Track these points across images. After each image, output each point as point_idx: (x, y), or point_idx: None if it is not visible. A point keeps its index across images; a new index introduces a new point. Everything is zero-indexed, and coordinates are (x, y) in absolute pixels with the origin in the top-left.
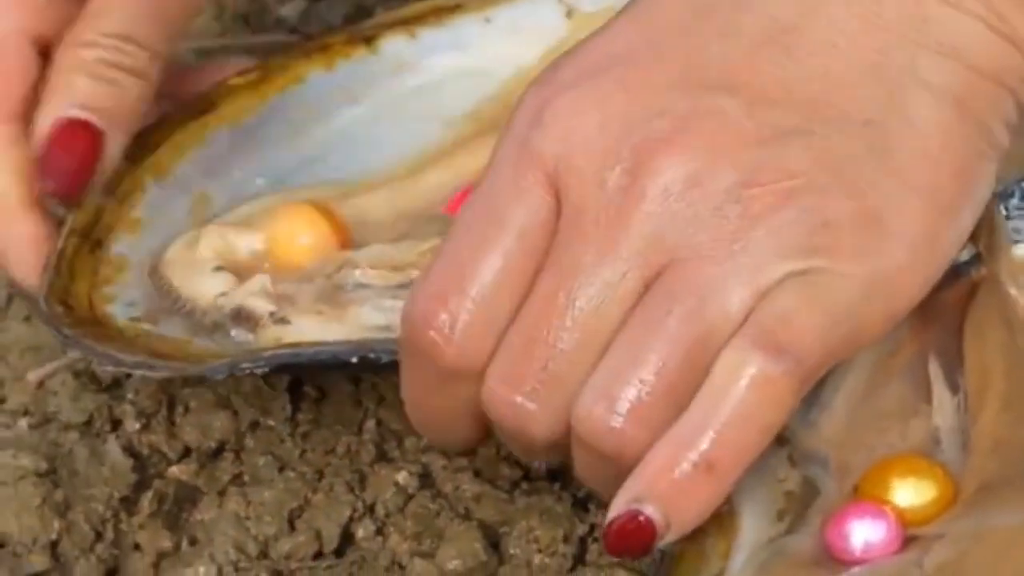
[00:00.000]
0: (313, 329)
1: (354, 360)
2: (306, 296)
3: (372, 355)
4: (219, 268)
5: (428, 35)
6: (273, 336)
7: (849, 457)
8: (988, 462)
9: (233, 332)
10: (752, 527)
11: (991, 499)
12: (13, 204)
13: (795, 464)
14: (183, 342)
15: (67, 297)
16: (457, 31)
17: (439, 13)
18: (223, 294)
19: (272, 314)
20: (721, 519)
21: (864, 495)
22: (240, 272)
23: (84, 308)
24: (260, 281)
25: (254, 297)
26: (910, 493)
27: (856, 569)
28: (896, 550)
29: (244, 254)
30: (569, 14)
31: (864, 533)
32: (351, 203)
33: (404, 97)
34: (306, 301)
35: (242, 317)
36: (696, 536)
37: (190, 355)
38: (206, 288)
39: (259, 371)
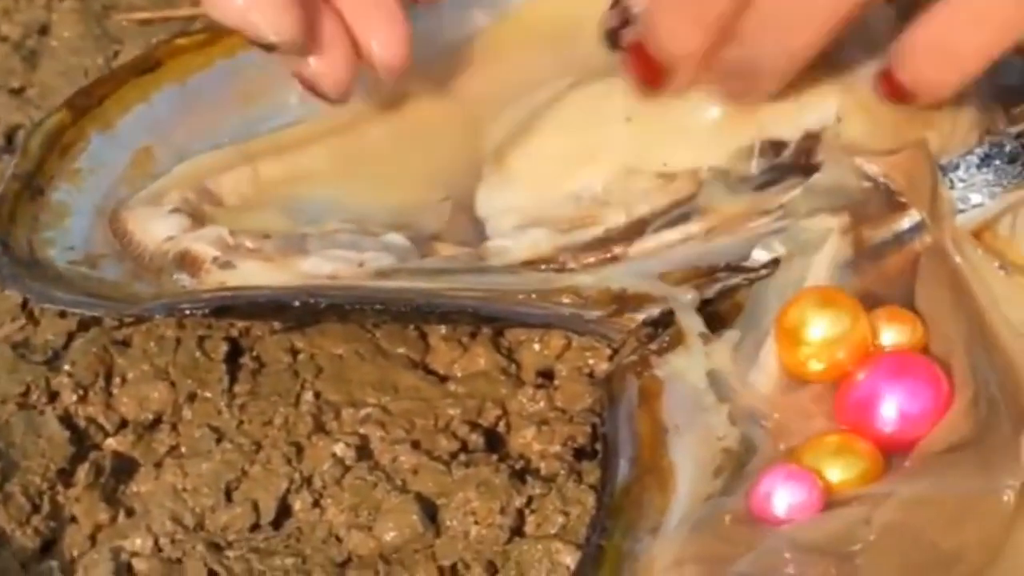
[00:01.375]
0: (258, 274)
1: (296, 304)
2: (262, 246)
3: (312, 300)
4: (176, 210)
5: None
6: (216, 281)
7: (788, 419)
8: (953, 429)
9: (176, 276)
10: (689, 483)
11: (950, 464)
12: None
13: (734, 422)
14: (123, 284)
15: (7, 239)
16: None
17: None
18: (170, 238)
19: (216, 259)
20: (660, 474)
21: (796, 462)
22: (202, 217)
23: (24, 251)
24: (216, 230)
25: (200, 241)
26: (840, 466)
27: (801, 521)
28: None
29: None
30: None
31: (787, 496)
32: (287, 159)
33: None
34: (259, 250)
35: (186, 262)
36: (633, 491)
37: (129, 296)
38: (157, 231)
39: (198, 312)
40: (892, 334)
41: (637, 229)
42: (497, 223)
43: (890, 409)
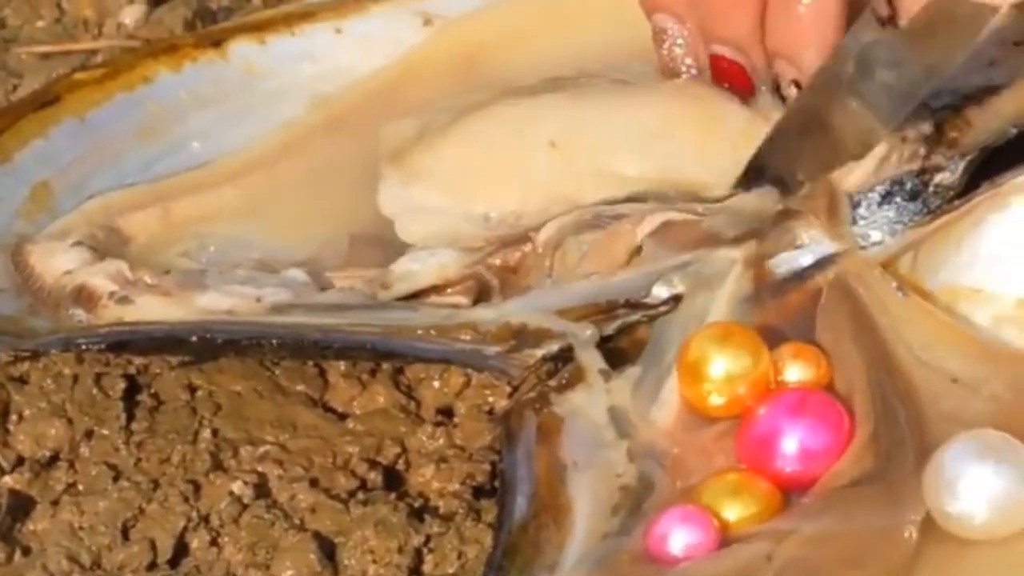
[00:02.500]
0: (155, 310)
1: (192, 339)
2: (161, 281)
3: (209, 335)
4: (78, 243)
5: (278, 43)
6: (113, 316)
7: (688, 458)
8: (856, 463)
9: (72, 311)
10: (587, 521)
11: (852, 499)
12: None
13: (633, 459)
14: (19, 319)
15: None
16: (308, 40)
17: (289, 20)
18: (69, 272)
19: (112, 293)
20: (557, 512)
21: (693, 501)
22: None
23: None
24: (115, 264)
25: (98, 276)
26: (738, 505)
27: (700, 559)
28: None
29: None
30: (427, 22)
31: (683, 537)
32: (199, 198)
33: (253, 103)
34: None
35: (82, 297)
36: (530, 528)
37: (25, 331)
38: (57, 265)
39: (94, 347)
40: (797, 370)
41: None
42: (404, 224)
43: (791, 445)
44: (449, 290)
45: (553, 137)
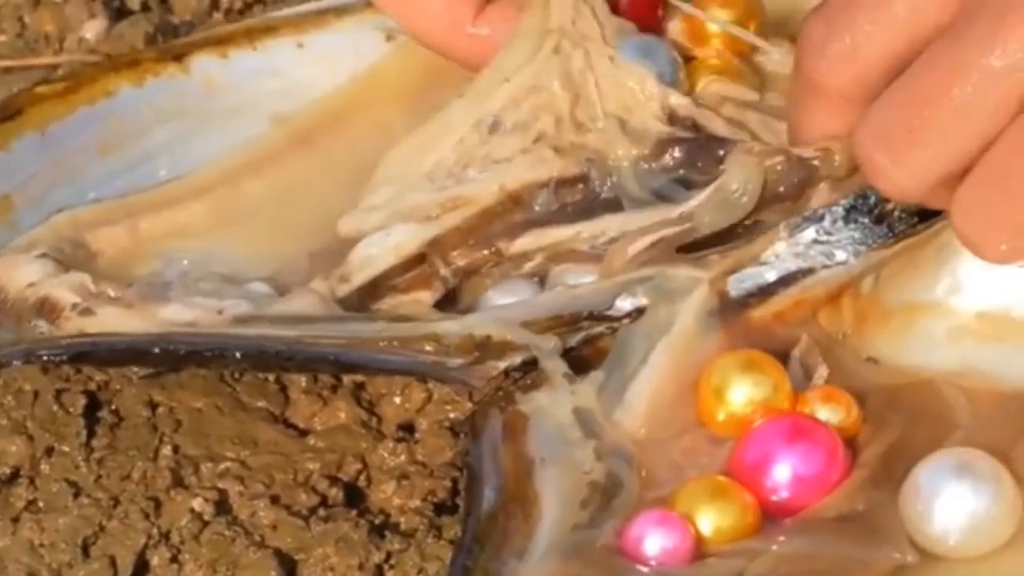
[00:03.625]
0: (118, 321)
1: (155, 351)
2: (124, 294)
3: (171, 347)
4: (43, 255)
5: (240, 57)
6: (75, 327)
7: (654, 465)
8: (847, 500)
9: (34, 323)
10: (556, 511)
11: (834, 527)
12: None
13: (600, 458)
14: None
15: None
16: (270, 55)
17: (251, 35)
18: (32, 284)
19: (75, 305)
20: (525, 502)
21: (669, 507)
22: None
23: None
24: (79, 277)
25: (61, 287)
26: (714, 511)
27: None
28: (688, 562)
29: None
30: (390, 37)
31: (659, 541)
32: (166, 214)
33: (215, 117)
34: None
35: (45, 308)
36: (499, 517)
37: None
38: (20, 277)
39: (56, 358)
40: (826, 413)
41: (521, 219)
42: (362, 229)
43: (783, 471)
44: (409, 275)
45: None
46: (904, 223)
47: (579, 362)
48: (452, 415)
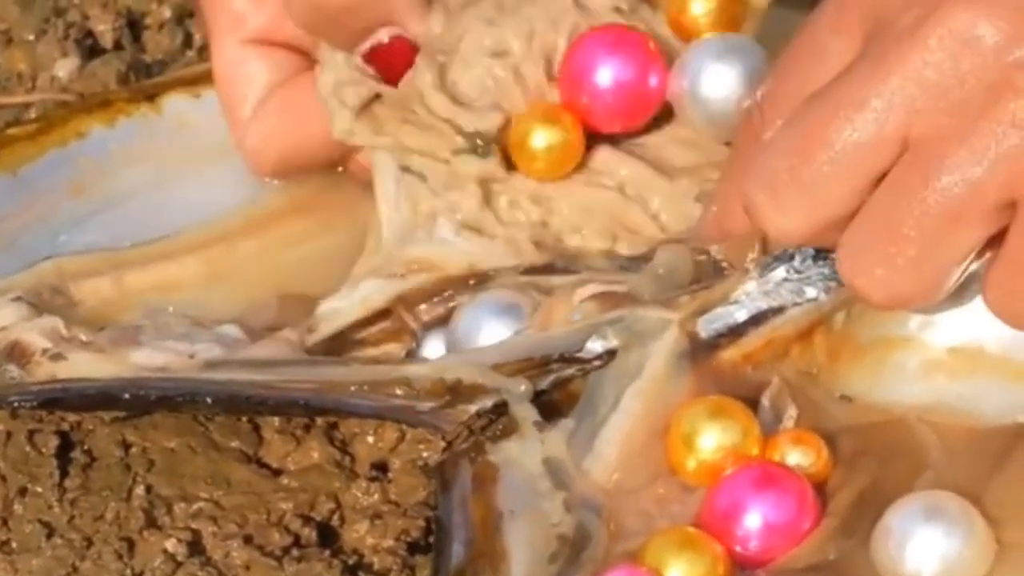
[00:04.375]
0: (89, 366)
1: (126, 396)
2: (95, 338)
3: (142, 392)
4: (18, 299)
5: (212, 97)
6: (46, 372)
7: (624, 514)
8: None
9: (5, 367)
10: (524, 567)
11: None
12: None
13: (570, 509)
14: None
15: None
16: None
17: None
18: (3, 328)
19: (46, 350)
20: (493, 558)
21: (640, 563)
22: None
23: None
24: (51, 321)
25: (32, 332)
26: (684, 562)
27: None
28: None
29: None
30: None
31: None
32: (157, 267)
33: (189, 158)
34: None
35: (16, 352)
36: (467, 574)
37: None
38: None
39: (27, 404)
40: (796, 456)
41: (479, 279)
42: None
43: (753, 520)
44: (377, 328)
45: None
46: None
47: (550, 406)
48: (425, 454)
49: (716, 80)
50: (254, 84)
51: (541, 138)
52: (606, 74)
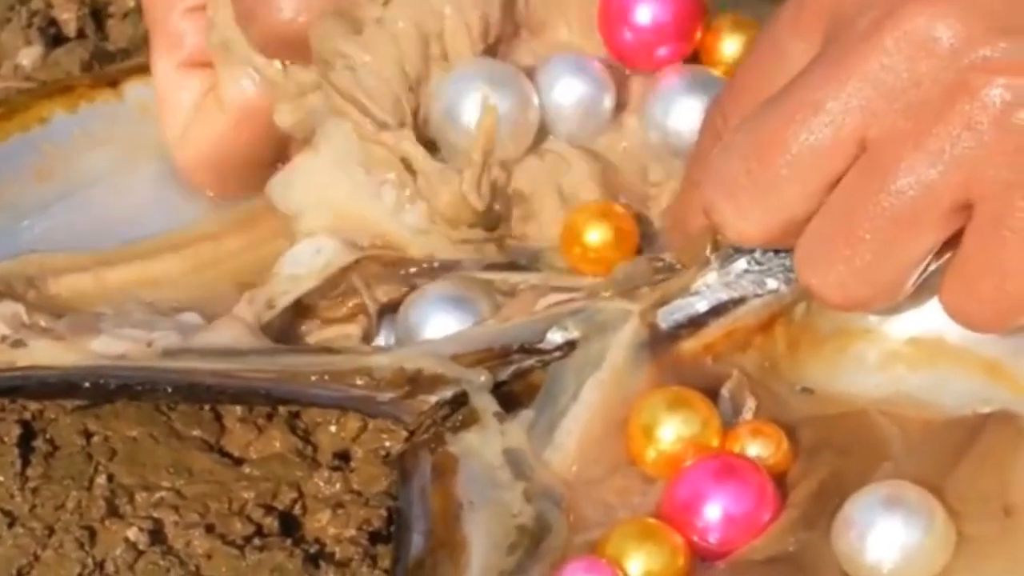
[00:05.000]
0: (48, 353)
1: (86, 384)
2: (55, 325)
3: (102, 380)
4: None
5: None
6: (6, 360)
7: (584, 505)
8: (776, 542)
9: None
10: (483, 557)
11: (760, 568)
12: None
13: (529, 500)
14: None
15: None
16: None
17: None
18: None
19: (5, 337)
20: (453, 548)
21: (601, 554)
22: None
23: None
24: (11, 307)
25: None
26: (644, 553)
27: None
28: None
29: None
30: None
31: None
32: (140, 264)
33: (149, 142)
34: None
35: None
36: (426, 564)
37: None
38: None
39: None
40: (756, 448)
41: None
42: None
43: (713, 511)
44: (333, 302)
45: None
46: None
47: (510, 397)
48: (388, 444)
49: None
50: (184, 108)
51: None
52: None
